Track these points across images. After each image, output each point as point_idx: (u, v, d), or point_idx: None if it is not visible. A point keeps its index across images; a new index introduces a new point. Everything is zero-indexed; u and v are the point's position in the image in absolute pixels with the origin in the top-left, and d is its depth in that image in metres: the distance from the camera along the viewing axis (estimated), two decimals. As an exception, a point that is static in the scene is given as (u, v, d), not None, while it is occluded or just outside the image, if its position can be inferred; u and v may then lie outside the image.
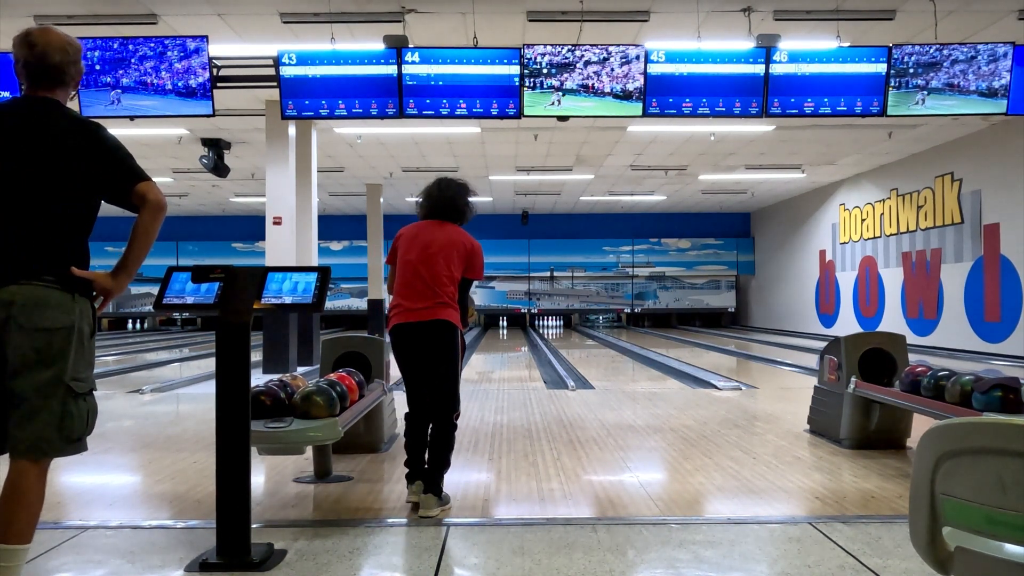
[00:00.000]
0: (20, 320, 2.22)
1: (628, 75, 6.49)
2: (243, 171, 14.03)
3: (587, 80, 6.49)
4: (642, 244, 22.46)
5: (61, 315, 2.27)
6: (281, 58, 6.60)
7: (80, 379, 2.31)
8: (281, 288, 2.99)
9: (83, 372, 2.33)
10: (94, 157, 2.35)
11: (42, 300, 2.25)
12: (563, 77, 6.48)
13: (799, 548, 2.94)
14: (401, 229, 3.82)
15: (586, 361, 11.84)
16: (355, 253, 21.13)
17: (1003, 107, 6.61)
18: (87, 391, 2.36)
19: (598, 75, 6.48)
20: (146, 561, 2.90)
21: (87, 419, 2.36)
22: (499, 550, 2.94)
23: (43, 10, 6.75)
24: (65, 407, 2.27)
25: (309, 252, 10.28)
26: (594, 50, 6.47)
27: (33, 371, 2.22)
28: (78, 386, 2.30)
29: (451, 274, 3.58)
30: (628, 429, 5.66)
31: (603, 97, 6.54)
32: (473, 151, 12.96)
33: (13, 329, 2.22)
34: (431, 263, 3.56)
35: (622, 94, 6.52)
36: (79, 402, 2.31)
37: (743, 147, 12.93)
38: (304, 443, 3.44)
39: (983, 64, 6.52)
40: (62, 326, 2.26)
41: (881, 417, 4.79)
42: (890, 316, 14.74)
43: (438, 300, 3.52)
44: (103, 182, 2.38)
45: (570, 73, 6.48)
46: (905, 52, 6.51)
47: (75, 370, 2.29)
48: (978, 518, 1.42)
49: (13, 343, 2.22)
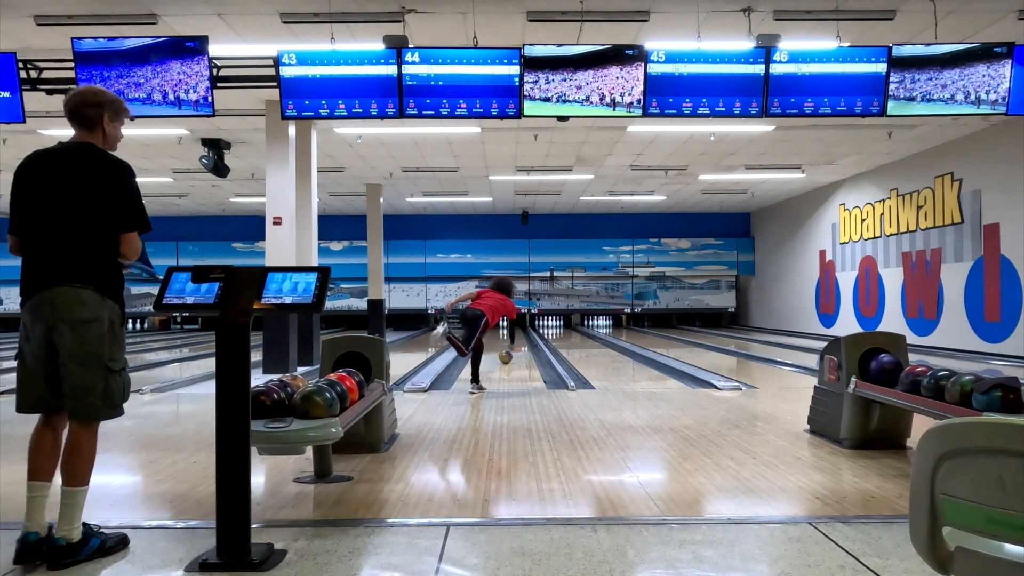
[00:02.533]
0: (62, 315, 2.81)
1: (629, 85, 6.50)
2: (243, 171, 14.03)
3: (588, 95, 6.52)
4: (642, 244, 22.46)
5: (93, 310, 2.85)
6: (281, 58, 6.60)
7: (115, 359, 2.92)
8: (281, 288, 2.99)
9: (117, 354, 2.94)
10: (113, 193, 2.91)
11: (76, 299, 2.83)
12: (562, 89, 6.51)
13: (799, 548, 2.94)
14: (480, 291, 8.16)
15: (586, 361, 11.84)
16: (355, 253, 21.14)
17: (1003, 107, 6.62)
18: (121, 368, 2.95)
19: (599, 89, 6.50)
20: (146, 561, 2.90)
21: (123, 390, 2.97)
22: (499, 550, 2.94)
23: (43, 10, 6.75)
24: (106, 382, 2.87)
25: (309, 252, 10.29)
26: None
27: (78, 355, 2.82)
28: (114, 364, 2.91)
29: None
30: (628, 429, 5.66)
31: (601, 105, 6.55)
32: (473, 151, 12.96)
33: (58, 323, 2.81)
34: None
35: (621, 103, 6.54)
36: (115, 377, 2.92)
37: (743, 147, 12.93)
38: (304, 443, 3.44)
39: (983, 64, 6.52)
40: (95, 318, 2.85)
41: (881, 417, 4.79)
42: (890, 316, 14.74)
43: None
44: (112, 213, 2.91)
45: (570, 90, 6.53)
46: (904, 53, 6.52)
47: (110, 352, 2.89)
48: (978, 518, 1.42)
49: (59, 334, 2.82)
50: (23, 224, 2.90)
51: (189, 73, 6.56)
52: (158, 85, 6.58)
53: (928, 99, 6.62)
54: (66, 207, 2.84)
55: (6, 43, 7.42)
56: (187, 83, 6.57)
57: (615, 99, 6.55)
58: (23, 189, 2.91)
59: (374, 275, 16.61)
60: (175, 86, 6.58)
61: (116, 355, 2.93)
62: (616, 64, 6.51)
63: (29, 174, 2.92)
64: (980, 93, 6.60)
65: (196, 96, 6.60)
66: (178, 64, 6.55)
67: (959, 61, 6.55)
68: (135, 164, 13.25)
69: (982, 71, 6.56)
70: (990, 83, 6.58)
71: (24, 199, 2.91)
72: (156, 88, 6.58)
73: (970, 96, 6.61)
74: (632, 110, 6.59)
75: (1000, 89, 6.58)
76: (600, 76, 6.52)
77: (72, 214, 2.84)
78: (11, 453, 4.84)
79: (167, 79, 6.57)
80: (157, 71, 6.56)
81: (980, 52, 6.56)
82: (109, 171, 2.91)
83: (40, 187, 2.89)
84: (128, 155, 12.81)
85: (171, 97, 6.60)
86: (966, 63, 6.54)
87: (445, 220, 22.10)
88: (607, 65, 6.51)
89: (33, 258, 2.88)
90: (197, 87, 6.58)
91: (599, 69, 6.51)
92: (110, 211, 2.88)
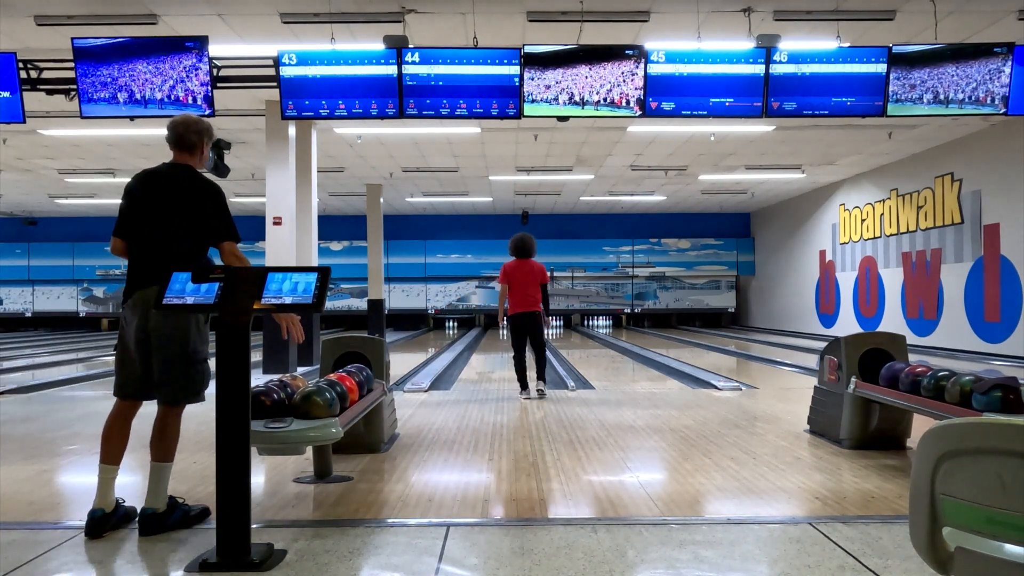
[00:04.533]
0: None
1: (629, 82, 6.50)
2: (243, 171, 14.02)
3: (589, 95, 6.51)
4: (642, 244, 22.46)
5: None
6: (281, 58, 6.60)
7: (198, 350, 3.30)
8: (281, 288, 2.99)
9: (200, 346, 3.33)
10: (207, 213, 3.36)
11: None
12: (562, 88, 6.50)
13: (799, 548, 2.94)
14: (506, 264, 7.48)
15: (586, 361, 11.84)
16: (355, 253, 21.13)
17: (1003, 107, 6.62)
18: (203, 359, 3.34)
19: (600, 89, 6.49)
20: (146, 561, 2.90)
21: (204, 379, 3.36)
22: (499, 550, 2.94)
23: (43, 10, 6.75)
24: (189, 370, 3.26)
25: (309, 252, 10.29)
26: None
27: (168, 346, 3.22)
28: (197, 355, 3.29)
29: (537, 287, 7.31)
30: (628, 429, 5.66)
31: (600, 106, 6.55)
32: (473, 151, 12.96)
33: (152, 318, 3.20)
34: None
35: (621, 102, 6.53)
36: (198, 367, 3.31)
37: (743, 147, 12.93)
38: (304, 443, 3.44)
39: (983, 64, 6.52)
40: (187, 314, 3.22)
41: (881, 417, 4.79)
42: (890, 316, 14.74)
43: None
44: (208, 227, 3.37)
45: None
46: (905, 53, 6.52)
47: (194, 344, 3.27)
48: (978, 518, 1.42)
49: (153, 326, 3.22)
50: (128, 234, 3.38)
51: (189, 73, 6.55)
52: (158, 85, 6.58)
53: (928, 99, 6.62)
54: (163, 227, 3.31)
55: (6, 43, 7.42)
56: (187, 83, 6.57)
57: (615, 99, 6.55)
58: (131, 204, 3.38)
59: (374, 275, 16.61)
60: (175, 86, 6.58)
61: (199, 347, 3.31)
62: (616, 63, 6.51)
63: (137, 191, 3.40)
64: (980, 93, 6.60)
65: (196, 96, 6.59)
66: (178, 64, 6.54)
67: (959, 61, 6.54)
68: (135, 164, 13.27)
69: (982, 71, 6.56)
70: (990, 83, 6.58)
71: (131, 213, 3.38)
72: (156, 88, 6.58)
73: (970, 96, 6.61)
74: (632, 110, 6.59)
75: (1000, 89, 6.58)
76: (600, 75, 6.52)
77: (167, 233, 3.30)
78: (11, 453, 4.85)
79: (167, 79, 6.57)
80: (157, 71, 6.56)
81: (980, 52, 6.55)
82: (205, 194, 3.38)
83: (144, 205, 3.36)
84: (128, 155, 12.85)
85: (171, 97, 6.60)
86: (966, 63, 6.54)
87: (445, 220, 22.10)
88: (607, 64, 6.50)
89: (134, 266, 3.35)
90: (197, 87, 6.58)
91: (599, 68, 6.50)
92: (202, 228, 3.34)
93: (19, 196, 17.87)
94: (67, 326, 22.33)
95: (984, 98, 6.60)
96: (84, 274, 22.13)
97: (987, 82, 6.57)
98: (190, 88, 6.58)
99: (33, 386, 8.64)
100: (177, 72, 6.56)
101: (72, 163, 13.69)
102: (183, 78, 6.57)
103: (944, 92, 6.60)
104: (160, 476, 3.23)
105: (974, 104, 6.62)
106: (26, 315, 22.25)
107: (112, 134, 11.26)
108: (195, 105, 6.58)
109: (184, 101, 6.60)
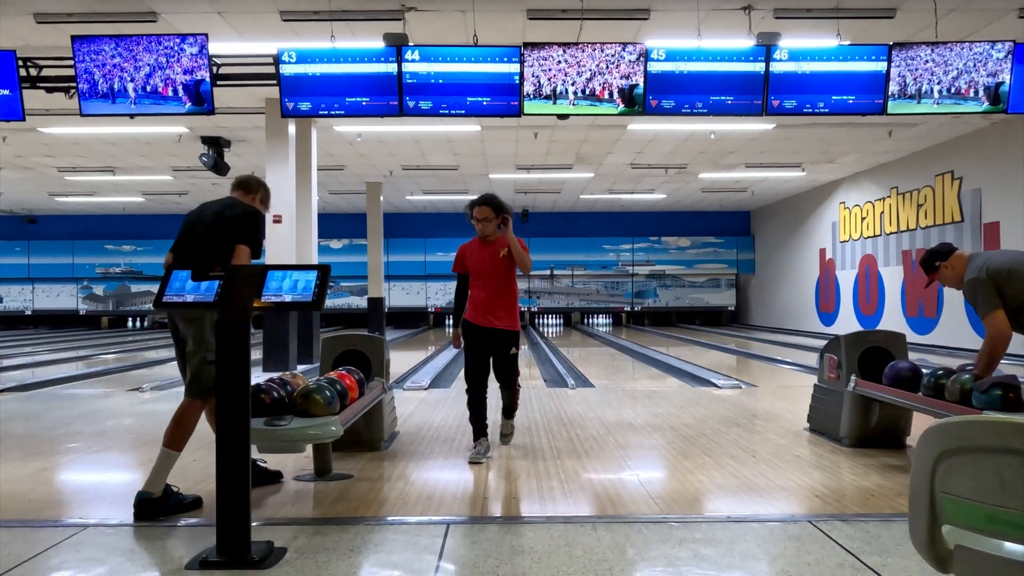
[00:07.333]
0: (184, 316, 3.58)
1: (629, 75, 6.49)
2: (243, 169, 13.99)
3: (587, 87, 6.49)
4: (642, 242, 22.45)
5: (198, 314, 3.53)
6: (281, 56, 6.59)
7: (211, 351, 3.46)
8: (281, 286, 2.99)
9: (214, 349, 3.50)
10: (237, 229, 3.67)
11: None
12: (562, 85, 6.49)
13: (799, 546, 2.95)
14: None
15: (586, 360, 11.84)
16: (355, 251, 21.13)
17: (1003, 106, 6.61)
18: (214, 360, 3.48)
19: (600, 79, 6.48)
20: (146, 559, 2.90)
21: (212, 379, 3.47)
22: (499, 548, 2.94)
23: (43, 8, 6.74)
24: (202, 369, 3.54)
25: (309, 250, 10.28)
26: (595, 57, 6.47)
27: (194, 348, 3.55)
28: (209, 356, 3.50)
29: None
30: (628, 427, 5.66)
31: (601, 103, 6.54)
32: (473, 149, 12.95)
33: (181, 321, 3.59)
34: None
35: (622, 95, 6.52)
36: (210, 367, 3.48)
37: (743, 145, 12.92)
38: (304, 441, 3.45)
39: (984, 63, 6.52)
40: (199, 317, 3.52)
41: (881, 415, 4.79)
42: (890, 315, 14.74)
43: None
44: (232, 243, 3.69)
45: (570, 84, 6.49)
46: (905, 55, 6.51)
47: (208, 347, 3.50)
48: (978, 516, 1.42)
49: (183, 331, 3.59)
50: (177, 253, 3.75)
51: (189, 71, 6.55)
52: (158, 83, 6.57)
53: (929, 97, 6.61)
54: (201, 251, 3.64)
55: (6, 41, 7.41)
56: (187, 81, 6.56)
57: (615, 97, 6.54)
58: (183, 228, 3.81)
59: (374, 273, 16.60)
60: (175, 84, 6.57)
61: (213, 349, 3.46)
62: (616, 62, 6.50)
63: (189, 218, 3.83)
64: (980, 91, 6.60)
65: (196, 94, 6.58)
66: (178, 62, 6.53)
67: (959, 60, 6.54)
68: (135, 163, 13.24)
69: (982, 69, 6.56)
70: (990, 82, 6.57)
71: (181, 235, 3.79)
72: (156, 86, 6.57)
73: (970, 95, 6.60)
74: (632, 108, 6.58)
75: (1000, 88, 6.58)
76: (601, 74, 6.51)
77: (203, 256, 3.61)
78: (11, 451, 4.86)
79: (167, 77, 6.56)
80: (157, 69, 6.55)
81: (980, 51, 6.55)
82: (242, 217, 3.70)
83: (190, 230, 3.76)
84: (128, 153, 12.85)
85: (171, 95, 6.59)
86: (966, 61, 6.54)
87: (445, 218, 22.08)
88: (607, 63, 6.50)
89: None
90: (197, 85, 6.57)
91: (599, 67, 6.50)
92: (231, 244, 3.63)
93: (19, 194, 17.87)
94: (67, 324, 22.33)
95: (984, 97, 6.59)
96: (84, 272, 22.13)
97: (987, 80, 6.56)
98: (190, 86, 6.57)
99: (33, 384, 8.64)
100: (177, 70, 6.55)
101: (72, 161, 13.68)
102: (183, 76, 6.55)
103: (944, 90, 6.59)
104: (165, 463, 3.46)
105: (974, 102, 6.60)
106: (26, 313, 22.25)
107: (112, 132, 11.26)
108: (194, 103, 6.58)
109: (184, 99, 6.59)
